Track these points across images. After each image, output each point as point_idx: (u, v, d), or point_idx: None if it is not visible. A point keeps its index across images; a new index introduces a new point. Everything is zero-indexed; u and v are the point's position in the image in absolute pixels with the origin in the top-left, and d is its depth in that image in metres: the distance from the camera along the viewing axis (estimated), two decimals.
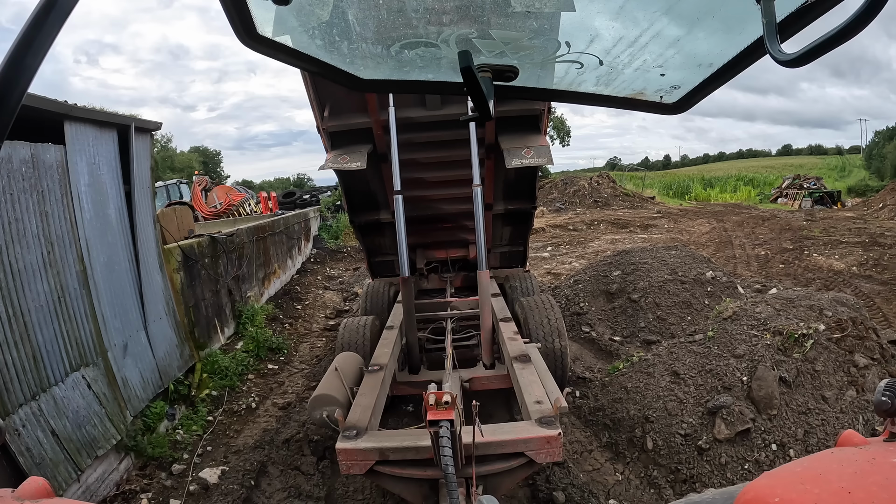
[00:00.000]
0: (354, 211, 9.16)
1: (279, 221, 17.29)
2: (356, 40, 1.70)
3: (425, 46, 1.68)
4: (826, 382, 5.92)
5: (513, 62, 1.66)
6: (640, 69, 1.69)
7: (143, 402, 7.56)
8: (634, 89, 1.81)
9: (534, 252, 18.31)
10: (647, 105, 1.84)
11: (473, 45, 1.62)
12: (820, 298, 7.14)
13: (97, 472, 6.35)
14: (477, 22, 1.56)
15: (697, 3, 1.39)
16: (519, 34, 1.59)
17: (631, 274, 11.18)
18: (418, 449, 4.18)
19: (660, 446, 6.01)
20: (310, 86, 7.09)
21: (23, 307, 5.74)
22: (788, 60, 1.06)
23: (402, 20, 1.59)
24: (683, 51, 1.55)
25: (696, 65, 1.58)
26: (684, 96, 1.73)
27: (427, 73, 1.87)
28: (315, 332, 13.22)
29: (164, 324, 8.56)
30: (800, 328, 6.34)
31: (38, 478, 1.35)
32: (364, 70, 1.83)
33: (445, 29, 1.59)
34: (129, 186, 8.09)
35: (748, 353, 6.29)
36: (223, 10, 1.24)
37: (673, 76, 1.68)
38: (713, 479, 5.48)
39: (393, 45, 1.70)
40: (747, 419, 5.71)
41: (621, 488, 5.81)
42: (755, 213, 26.66)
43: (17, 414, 5.46)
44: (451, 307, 8.56)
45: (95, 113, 7.61)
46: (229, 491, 6.23)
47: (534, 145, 7.09)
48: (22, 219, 5.89)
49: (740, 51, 1.43)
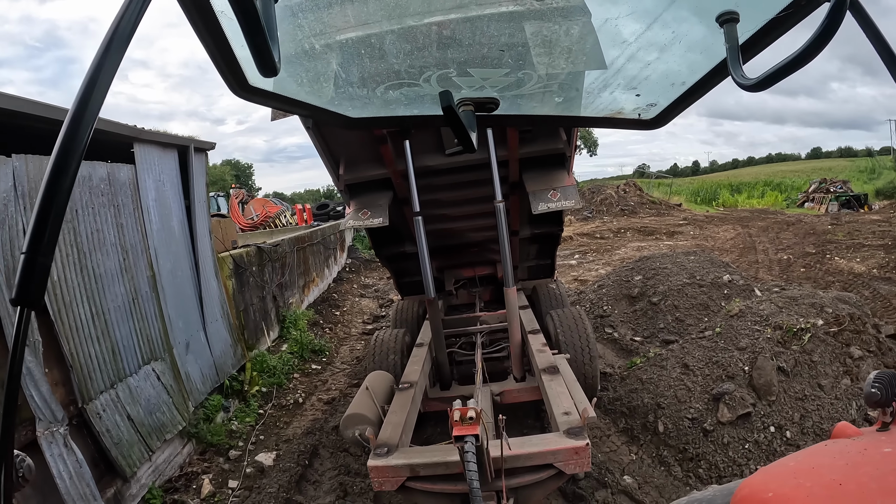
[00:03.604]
0: (379, 246, 8.99)
1: (317, 232, 17.77)
2: (343, 85, 1.77)
3: (409, 86, 1.76)
4: (822, 372, 6.38)
5: (492, 94, 1.73)
6: (617, 90, 1.78)
7: (202, 394, 8.25)
8: (613, 109, 1.88)
9: (561, 260, 18.44)
10: (626, 122, 1.90)
11: (454, 83, 1.70)
12: (822, 297, 7.56)
13: (164, 454, 7.01)
14: (455, 62, 1.65)
15: (665, 30, 1.44)
16: (495, 70, 1.69)
17: (651, 278, 11.64)
18: (448, 464, 4.17)
19: (670, 429, 6.56)
20: (320, 145, 6.85)
21: (103, 307, 6.43)
22: (750, 85, 1.11)
23: (384, 65, 1.68)
24: (656, 72, 1.62)
25: (670, 84, 1.64)
26: (661, 113, 1.78)
27: (412, 109, 1.92)
28: (354, 336, 13.81)
29: (220, 325, 9.31)
30: (799, 323, 6.86)
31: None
32: (353, 110, 1.90)
33: (426, 70, 1.68)
34: (189, 201, 8.84)
35: (750, 345, 6.81)
36: (214, 66, 1.24)
37: (648, 95, 1.74)
38: (716, 457, 6.00)
39: (378, 87, 1.77)
40: (748, 404, 6.22)
41: (635, 466, 6.35)
42: (781, 219, 26.43)
43: (99, 399, 6.11)
44: (480, 321, 8.45)
45: (159, 135, 8.36)
46: (286, 468, 6.92)
47: (560, 186, 6.85)
48: (102, 229, 6.60)
49: (708, 71, 1.48)
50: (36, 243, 0.76)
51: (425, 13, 1.54)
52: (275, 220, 27.37)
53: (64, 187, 0.77)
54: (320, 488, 6.76)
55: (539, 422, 7.51)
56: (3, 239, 5.07)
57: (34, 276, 0.77)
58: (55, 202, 0.77)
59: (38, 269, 0.77)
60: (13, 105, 5.26)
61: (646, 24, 1.47)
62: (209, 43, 1.15)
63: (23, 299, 0.77)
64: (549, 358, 6.11)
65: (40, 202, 0.76)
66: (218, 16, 1.08)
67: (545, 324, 7.86)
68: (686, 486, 5.94)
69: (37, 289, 0.77)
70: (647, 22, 1.46)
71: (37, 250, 0.77)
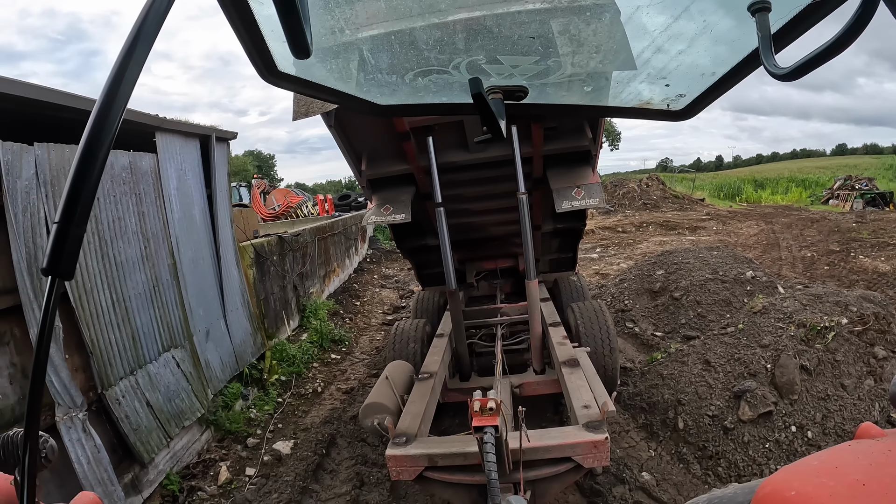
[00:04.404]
0: (401, 239, 9.06)
1: (338, 223, 17.88)
2: (372, 72, 1.78)
3: (437, 73, 1.76)
4: (845, 371, 6.28)
5: (522, 82, 1.72)
6: (646, 81, 1.77)
7: (221, 382, 8.33)
8: (642, 99, 1.86)
9: (583, 254, 18.37)
10: (655, 113, 1.88)
11: (483, 70, 1.70)
12: (847, 295, 7.42)
13: (182, 441, 7.08)
14: (485, 49, 1.64)
15: (695, 20, 1.43)
16: (525, 58, 1.68)
17: (674, 273, 11.51)
18: (466, 455, 4.15)
19: (689, 426, 6.50)
20: (342, 141, 6.79)
21: (124, 294, 6.48)
22: (783, 74, 1.09)
23: (414, 52, 1.67)
24: (686, 62, 1.61)
25: (699, 74, 1.62)
26: (690, 103, 1.76)
27: (441, 97, 1.92)
28: (374, 326, 13.87)
29: (240, 314, 9.37)
30: (823, 321, 6.75)
31: (89, 493, 1.44)
32: (381, 97, 1.90)
33: (456, 57, 1.67)
34: (210, 190, 8.90)
35: (773, 343, 6.71)
36: (244, 51, 1.26)
37: (677, 85, 1.73)
38: (736, 455, 5.94)
39: (407, 73, 1.77)
40: (770, 403, 6.15)
41: (653, 463, 6.31)
42: (805, 215, 26.13)
43: (119, 385, 6.16)
44: (501, 313, 8.44)
45: (181, 125, 8.40)
46: (303, 457, 6.98)
47: (584, 183, 6.75)
48: (123, 217, 6.65)
49: (739, 61, 1.46)
50: (69, 213, 0.76)
51: (454, 9, 1.55)
52: (296, 211, 27.53)
53: (99, 156, 0.77)
54: (337, 478, 6.80)
55: (558, 416, 7.51)
56: (25, 226, 5.12)
57: (66, 246, 0.76)
58: (89, 172, 0.77)
59: (71, 239, 0.76)
60: (33, 94, 5.29)
61: (675, 14, 1.45)
62: (240, 28, 1.17)
63: (54, 269, 0.77)
64: (569, 351, 6.07)
65: (74, 171, 0.76)
66: (250, 1, 1.11)
67: (566, 317, 7.85)
68: (705, 484, 5.88)
69: (68, 259, 0.77)
70: (677, 12, 1.44)
71: (70, 220, 0.76)
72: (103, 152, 0.78)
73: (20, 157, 5.12)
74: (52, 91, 5.58)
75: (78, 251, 0.79)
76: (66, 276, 0.78)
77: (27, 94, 5.19)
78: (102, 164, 0.78)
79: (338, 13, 1.50)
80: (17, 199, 5.06)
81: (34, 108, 5.40)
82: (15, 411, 4.98)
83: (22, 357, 5.14)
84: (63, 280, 0.79)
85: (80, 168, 0.76)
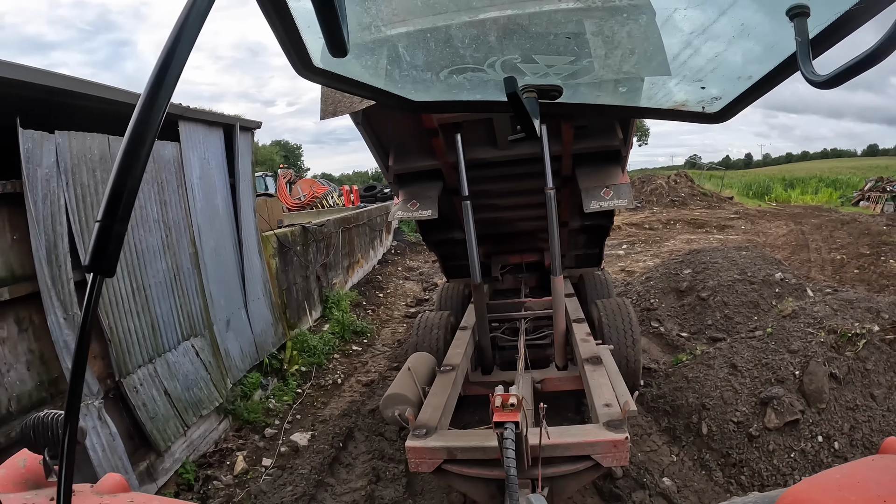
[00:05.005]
0: (426, 232, 9.07)
1: (363, 214, 17.87)
2: (406, 68, 1.78)
3: (472, 71, 1.76)
4: (875, 381, 6.11)
5: (556, 82, 1.71)
6: (681, 83, 1.75)
7: (241, 371, 8.36)
8: (677, 101, 1.84)
9: (609, 250, 18.17)
10: (690, 115, 1.86)
11: (518, 69, 1.69)
12: (879, 301, 7.26)
13: (200, 430, 7.11)
14: (520, 48, 1.64)
15: (732, 23, 1.41)
16: (560, 57, 1.67)
17: (701, 273, 11.35)
18: (485, 449, 4.18)
19: (713, 432, 6.36)
20: (369, 137, 6.76)
21: (145, 283, 6.51)
22: (821, 82, 1.08)
23: (449, 50, 1.67)
24: (722, 65, 1.59)
25: (736, 77, 1.60)
26: (725, 106, 1.74)
27: (475, 94, 1.93)
28: (396, 319, 13.87)
29: (262, 304, 9.38)
30: (854, 328, 6.57)
31: (115, 474, 1.47)
32: (415, 94, 1.90)
33: (491, 56, 1.66)
34: (234, 179, 8.90)
35: (802, 348, 6.55)
36: (280, 45, 1.27)
37: (713, 88, 1.71)
38: (760, 464, 5.81)
39: (441, 70, 1.77)
40: (797, 411, 5.99)
41: (675, 468, 6.18)
42: (835, 217, 25.64)
43: (137, 373, 6.20)
44: (525, 307, 8.44)
45: (205, 114, 8.38)
46: (320, 450, 6.96)
47: (613, 183, 6.70)
48: (145, 206, 6.68)
49: (775, 66, 1.44)
50: (112, 210, 0.77)
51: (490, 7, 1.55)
52: (322, 201, 27.64)
53: (141, 154, 0.78)
54: (353, 472, 6.77)
55: (579, 414, 7.43)
56: (45, 214, 5.13)
57: (109, 244, 0.78)
58: (132, 170, 0.78)
59: (114, 236, 0.78)
60: (53, 82, 5.27)
61: (712, 16, 1.45)
62: (276, 22, 1.18)
63: (96, 266, 0.78)
64: (592, 348, 6.06)
65: (117, 169, 0.77)
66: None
67: (590, 312, 7.83)
68: (727, 492, 5.76)
69: (110, 256, 0.79)
70: (714, 14, 1.44)
71: (113, 217, 0.77)
72: (146, 150, 0.79)
73: (41, 144, 5.13)
74: (71, 79, 5.57)
75: (119, 248, 0.80)
76: (108, 273, 0.80)
77: (47, 82, 5.19)
78: (145, 162, 0.79)
79: (373, 10, 1.51)
80: (37, 187, 5.08)
81: (52, 95, 5.39)
82: (32, 397, 5.00)
83: (40, 344, 5.15)
84: (105, 276, 0.81)
85: (123, 166, 0.78)
